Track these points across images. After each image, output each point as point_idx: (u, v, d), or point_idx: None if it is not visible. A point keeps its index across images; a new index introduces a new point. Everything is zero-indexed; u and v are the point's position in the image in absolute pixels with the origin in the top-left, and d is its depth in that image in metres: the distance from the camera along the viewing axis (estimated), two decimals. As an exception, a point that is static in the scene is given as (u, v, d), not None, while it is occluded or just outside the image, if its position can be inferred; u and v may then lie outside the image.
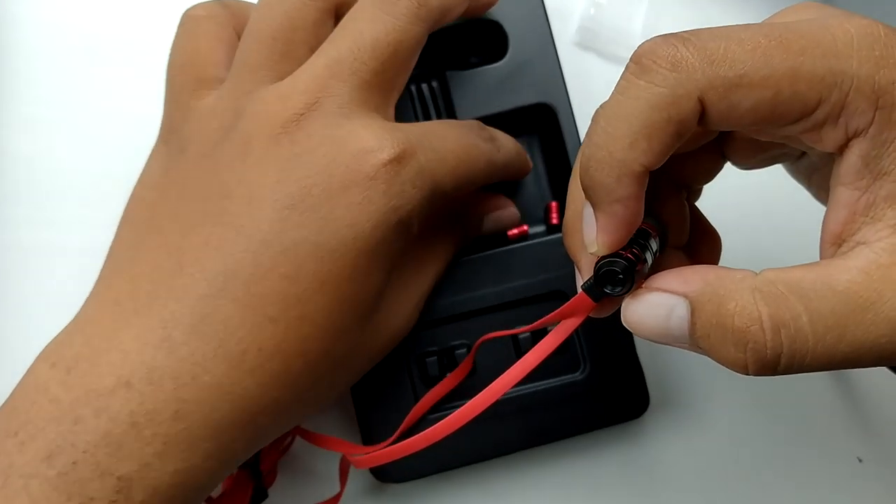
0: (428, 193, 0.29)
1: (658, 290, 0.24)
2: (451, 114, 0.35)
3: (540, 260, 0.34)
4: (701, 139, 0.27)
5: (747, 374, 0.23)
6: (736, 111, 0.23)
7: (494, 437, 0.34)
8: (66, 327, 0.28)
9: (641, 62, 0.23)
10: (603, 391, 0.35)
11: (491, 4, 0.33)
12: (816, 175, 0.28)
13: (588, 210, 0.25)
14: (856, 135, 0.23)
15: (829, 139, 0.23)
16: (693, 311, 0.23)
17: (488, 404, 0.28)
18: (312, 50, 0.30)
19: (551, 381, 0.35)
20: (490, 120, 0.35)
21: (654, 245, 0.26)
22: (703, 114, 0.23)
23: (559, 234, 0.34)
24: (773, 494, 0.37)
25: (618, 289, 0.24)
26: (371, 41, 0.29)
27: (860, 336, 0.22)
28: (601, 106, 0.24)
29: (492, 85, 0.35)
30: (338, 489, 0.34)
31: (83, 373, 0.26)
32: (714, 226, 0.30)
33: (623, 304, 0.25)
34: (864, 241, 0.23)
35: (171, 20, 0.38)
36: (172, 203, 0.29)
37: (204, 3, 0.32)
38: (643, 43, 0.23)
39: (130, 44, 0.38)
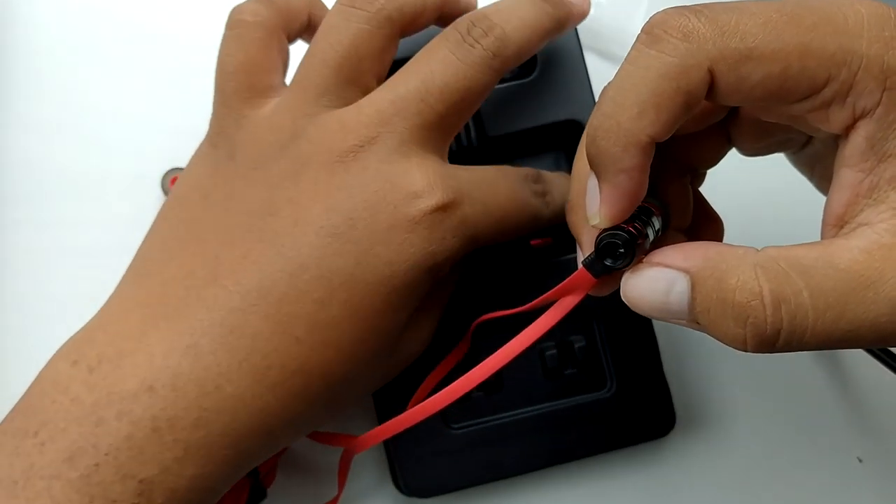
0: (466, 243, 0.29)
1: (658, 264, 0.24)
2: (480, 130, 0.35)
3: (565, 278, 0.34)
4: (708, 119, 0.27)
5: (746, 351, 0.23)
6: (745, 84, 0.23)
7: (520, 454, 0.34)
8: (89, 324, 0.28)
9: (653, 32, 0.23)
10: (629, 409, 0.35)
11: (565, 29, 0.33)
12: (819, 165, 0.28)
13: (592, 182, 0.25)
14: (863, 115, 0.23)
15: (837, 119, 0.23)
16: (693, 286, 0.23)
17: (482, 379, 0.29)
18: (377, 77, 0.30)
19: (578, 398, 0.35)
20: (519, 136, 0.35)
21: (657, 223, 0.26)
22: (711, 86, 0.23)
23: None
24: (772, 491, 0.37)
25: (618, 262, 0.24)
26: (441, 85, 0.29)
27: (860, 314, 0.22)
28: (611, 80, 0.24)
29: (521, 101, 0.35)
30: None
31: (106, 373, 0.26)
32: (717, 211, 0.30)
33: (623, 279, 0.25)
34: (866, 222, 0.23)
35: (171, 20, 0.38)
36: (216, 210, 0.29)
37: (250, 4, 0.31)
38: (655, 14, 0.23)
39: (131, 44, 0.38)
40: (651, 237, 0.25)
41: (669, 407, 0.35)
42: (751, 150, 0.28)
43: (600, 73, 0.39)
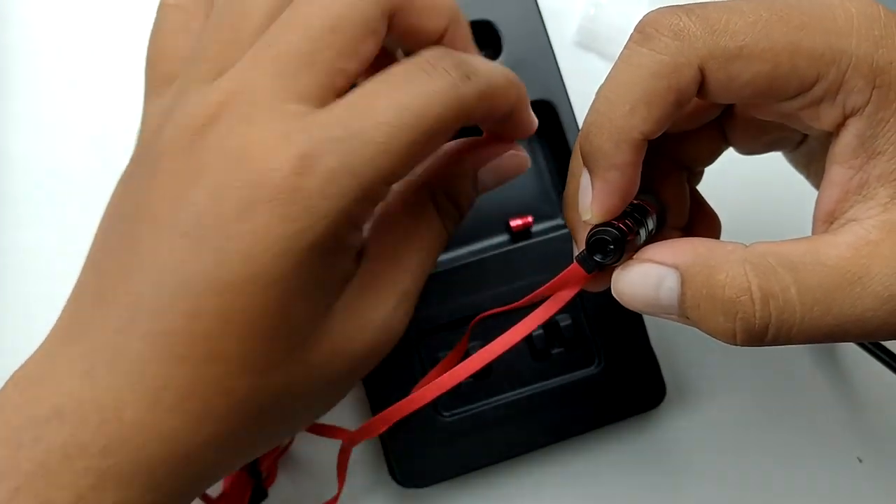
0: (351, 196, 0.24)
1: (649, 261, 0.24)
2: None
3: (547, 257, 0.34)
4: (703, 117, 0.27)
5: (735, 345, 0.23)
6: (735, 82, 0.23)
7: (513, 437, 0.34)
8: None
9: (645, 31, 0.23)
10: (619, 384, 0.35)
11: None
12: (815, 164, 0.28)
13: (585, 178, 0.25)
14: (853, 113, 0.23)
15: (827, 117, 0.23)
16: (683, 282, 0.23)
17: (476, 370, 0.28)
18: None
19: (566, 376, 0.35)
20: None
21: (651, 223, 0.26)
22: (702, 84, 0.23)
23: (565, 230, 0.34)
24: (773, 491, 0.37)
25: (608, 258, 0.25)
26: (304, 19, 0.24)
27: (847, 309, 0.22)
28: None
29: None
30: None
31: (29, 396, 0.24)
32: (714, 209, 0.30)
33: (613, 275, 0.25)
34: (854, 218, 0.23)
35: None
36: (104, 220, 0.27)
37: None
38: (648, 13, 0.24)
39: (131, 44, 0.38)
40: (644, 235, 0.26)
41: (659, 378, 0.35)
42: (747, 149, 0.28)
43: (600, 74, 0.39)
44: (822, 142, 0.26)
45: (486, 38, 0.36)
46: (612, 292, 0.25)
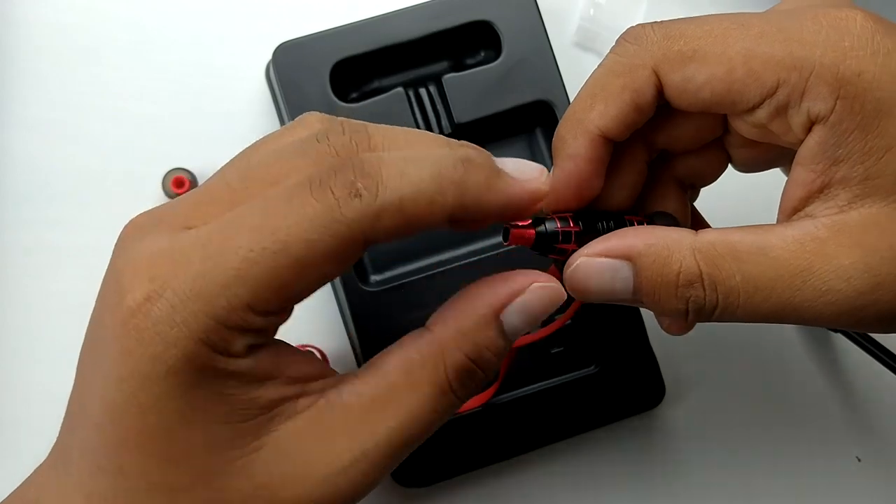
0: (203, 323, 0.22)
1: (601, 255, 0.25)
2: (449, 117, 0.35)
3: (545, 259, 0.34)
4: (705, 135, 0.28)
5: (686, 321, 0.25)
6: (691, 84, 0.25)
7: (513, 436, 0.35)
8: None
9: (618, 40, 0.26)
10: (618, 383, 0.35)
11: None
12: None
13: (552, 170, 0.26)
14: (817, 120, 0.24)
15: (796, 125, 0.24)
16: (638, 272, 0.25)
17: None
18: None
19: (566, 376, 0.35)
20: (490, 121, 0.35)
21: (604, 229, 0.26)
22: (663, 89, 0.25)
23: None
24: (772, 491, 0.38)
25: (536, 246, 0.26)
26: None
27: (785, 299, 0.24)
28: None
29: (488, 85, 0.35)
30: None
31: None
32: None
33: (568, 272, 0.26)
34: (811, 214, 0.24)
35: (170, 22, 0.38)
36: None
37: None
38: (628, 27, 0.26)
39: (131, 44, 0.38)
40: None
41: (658, 378, 0.35)
42: (747, 166, 0.29)
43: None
44: None
45: (486, 38, 0.36)
46: (567, 288, 0.26)
